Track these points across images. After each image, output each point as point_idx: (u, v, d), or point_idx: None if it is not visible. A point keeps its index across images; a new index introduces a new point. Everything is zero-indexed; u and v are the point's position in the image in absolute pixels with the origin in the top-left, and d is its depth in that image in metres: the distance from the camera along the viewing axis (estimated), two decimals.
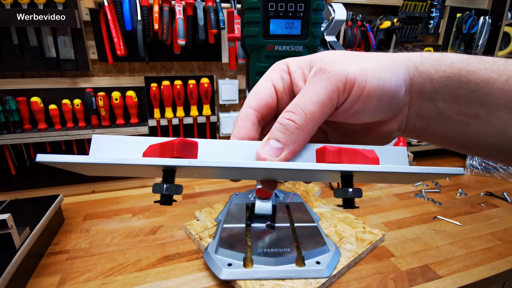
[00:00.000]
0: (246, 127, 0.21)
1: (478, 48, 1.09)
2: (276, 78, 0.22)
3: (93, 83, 0.80)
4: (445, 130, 0.21)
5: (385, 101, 0.19)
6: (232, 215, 0.64)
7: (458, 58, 0.19)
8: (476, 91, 0.19)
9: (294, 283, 0.50)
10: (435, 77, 0.20)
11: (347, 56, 0.20)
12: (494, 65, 0.19)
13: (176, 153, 0.18)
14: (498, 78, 0.18)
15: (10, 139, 0.73)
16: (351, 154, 0.19)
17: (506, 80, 0.18)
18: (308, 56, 0.22)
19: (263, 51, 0.44)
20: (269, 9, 0.42)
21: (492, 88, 0.18)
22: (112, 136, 0.20)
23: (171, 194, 0.20)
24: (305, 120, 0.19)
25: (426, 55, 0.20)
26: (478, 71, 0.19)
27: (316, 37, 0.44)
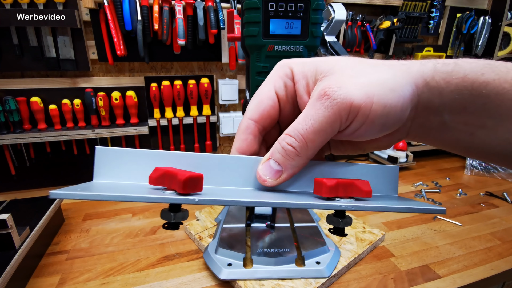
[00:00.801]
0: (247, 140, 0.21)
1: (478, 48, 1.09)
2: (279, 86, 0.22)
3: (93, 83, 0.80)
4: (449, 139, 0.20)
5: (388, 125, 0.19)
6: (232, 215, 0.64)
7: (472, 69, 0.18)
8: (487, 103, 0.18)
9: (294, 283, 0.50)
10: (446, 91, 0.19)
11: (355, 72, 0.19)
12: (508, 75, 0.18)
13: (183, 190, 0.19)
14: (510, 88, 0.17)
15: (10, 139, 0.72)
16: (346, 187, 0.19)
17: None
18: (314, 62, 0.21)
19: (263, 51, 0.44)
20: (269, 9, 0.42)
21: (503, 100, 0.18)
22: (116, 149, 0.21)
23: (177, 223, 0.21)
24: (305, 148, 0.19)
25: (439, 67, 0.19)
26: (492, 82, 0.18)
27: (316, 37, 0.44)
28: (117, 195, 0.18)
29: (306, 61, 0.22)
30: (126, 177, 0.21)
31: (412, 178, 0.97)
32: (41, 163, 0.81)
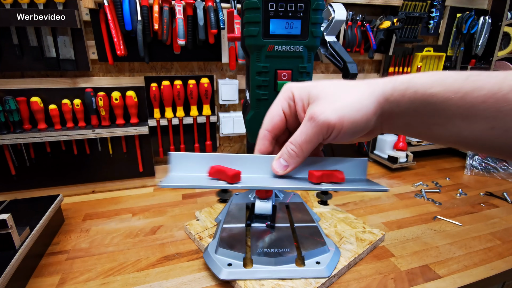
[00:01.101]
0: (265, 145, 0.32)
1: (478, 48, 1.09)
2: (285, 106, 0.31)
3: (93, 83, 0.80)
4: (414, 132, 0.28)
5: (357, 134, 0.28)
6: (232, 215, 0.64)
7: (422, 84, 0.25)
8: (435, 108, 0.24)
9: (294, 283, 0.50)
10: (402, 102, 0.26)
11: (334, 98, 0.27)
12: (453, 85, 0.24)
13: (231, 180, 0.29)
14: (454, 96, 0.23)
15: (10, 139, 0.73)
16: (328, 176, 0.31)
17: (461, 97, 0.23)
18: (308, 88, 0.29)
19: (263, 51, 0.44)
20: (269, 9, 0.42)
21: (448, 105, 0.24)
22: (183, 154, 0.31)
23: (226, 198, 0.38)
24: (301, 152, 0.29)
25: (397, 85, 0.26)
26: (438, 93, 0.24)
27: (316, 37, 0.44)
28: (204, 185, 0.29)
29: (303, 85, 0.30)
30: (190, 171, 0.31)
31: (412, 178, 0.97)
32: (41, 163, 0.81)
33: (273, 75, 0.45)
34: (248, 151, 0.99)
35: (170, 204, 0.80)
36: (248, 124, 0.49)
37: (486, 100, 0.22)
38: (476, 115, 0.23)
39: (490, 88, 0.22)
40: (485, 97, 0.22)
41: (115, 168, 0.87)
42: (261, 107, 0.47)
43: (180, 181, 0.29)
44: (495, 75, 0.23)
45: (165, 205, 0.80)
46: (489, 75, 0.23)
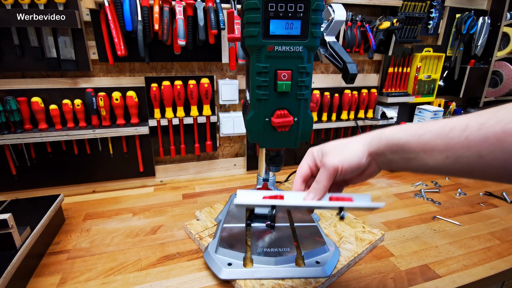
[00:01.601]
0: (298, 186, 0.43)
1: (477, 49, 1.09)
2: (309, 160, 0.43)
3: (94, 83, 0.81)
4: (396, 166, 0.37)
5: (356, 171, 0.39)
6: (232, 215, 0.64)
7: (391, 133, 0.36)
8: (403, 148, 0.35)
9: (294, 282, 0.50)
10: (381, 146, 0.37)
11: (337, 151, 0.39)
12: (411, 130, 0.34)
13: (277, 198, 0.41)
14: (412, 138, 0.34)
15: (10, 139, 0.73)
16: (342, 199, 0.40)
17: (418, 138, 0.33)
18: (322, 148, 0.41)
19: (263, 51, 0.44)
20: (269, 10, 0.42)
21: (411, 143, 0.34)
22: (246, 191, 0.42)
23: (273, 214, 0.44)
24: (322, 187, 0.40)
25: (376, 137, 0.37)
26: (401, 138, 0.35)
27: (315, 37, 0.44)
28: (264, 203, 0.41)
29: (319, 147, 0.42)
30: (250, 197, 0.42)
31: (412, 178, 0.97)
32: (41, 163, 0.81)
33: (273, 75, 0.46)
34: (248, 150, 0.99)
35: (171, 204, 0.80)
36: (248, 124, 0.49)
37: (435, 139, 0.32)
38: (432, 149, 0.32)
39: (435, 130, 0.32)
40: (434, 136, 0.32)
41: (115, 168, 0.87)
42: (261, 107, 0.47)
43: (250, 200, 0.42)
44: (442, 123, 0.32)
45: (165, 204, 0.80)
46: (436, 123, 0.33)
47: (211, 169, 0.98)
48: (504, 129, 0.28)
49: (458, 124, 0.31)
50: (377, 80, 1.07)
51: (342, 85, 1.02)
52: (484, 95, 1.17)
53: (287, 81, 0.46)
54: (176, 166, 0.94)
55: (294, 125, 0.49)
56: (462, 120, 0.31)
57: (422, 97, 1.11)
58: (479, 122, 0.29)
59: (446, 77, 1.14)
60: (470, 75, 1.10)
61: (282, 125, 0.48)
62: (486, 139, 0.29)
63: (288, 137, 0.50)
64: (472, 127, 0.30)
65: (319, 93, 0.97)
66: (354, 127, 1.08)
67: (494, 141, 0.28)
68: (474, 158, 0.30)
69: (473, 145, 0.29)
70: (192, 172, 0.97)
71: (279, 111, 0.47)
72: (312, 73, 0.63)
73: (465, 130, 0.30)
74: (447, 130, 0.31)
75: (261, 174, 0.69)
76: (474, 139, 0.29)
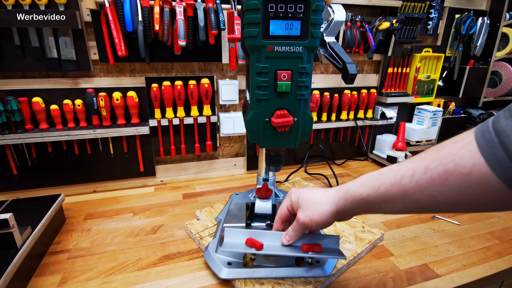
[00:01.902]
0: (279, 227, 0.50)
1: (476, 49, 1.10)
2: (287, 204, 0.48)
3: (94, 83, 0.81)
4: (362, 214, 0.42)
5: (322, 227, 0.44)
6: (232, 215, 0.64)
7: (355, 190, 0.39)
8: (367, 201, 0.38)
9: (293, 282, 0.50)
10: (347, 204, 0.40)
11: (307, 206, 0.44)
12: (370, 184, 0.37)
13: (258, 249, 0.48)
14: (373, 192, 0.37)
15: (11, 139, 0.73)
16: (312, 247, 0.48)
17: (377, 191, 0.36)
18: (298, 197, 0.46)
19: (263, 51, 0.44)
20: (269, 10, 0.42)
21: (372, 197, 0.37)
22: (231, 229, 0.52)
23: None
24: (296, 234, 0.47)
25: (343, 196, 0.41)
26: (363, 193, 0.38)
27: (315, 38, 0.44)
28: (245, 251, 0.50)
29: (297, 193, 0.47)
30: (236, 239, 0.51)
31: None
32: (42, 163, 0.81)
33: (273, 76, 0.46)
34: (248, 150, 0.99)
35: (171, 203, 0.80)
36: (248, 124, 0.49)
37: (391, 189, 0.35)
38: (391, 198, 0.35)
39: (390, 180, 0.35)
40: (390, 186, 0.35)
41: (116, 168, 0.88)
42: (261, 107, 0.48)
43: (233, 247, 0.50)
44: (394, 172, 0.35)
45: (165, 204, 0.80)
46: (389, 171, 0.36)
47: (211, 169, 0.98)
48: (445, 170, 0.30)
49: (407, 171, 0.34)
50: (376, 80, 1.07)
51: (341, 85, 1.02)
52: (483, 95, 1.17)
53: (287, 81, 0.46)
54: (176, 166, 0.94)
55: (294, 125, 0.49)
56: (410, 166, 0.34)
57: (421, 97, 1.11)
58: (424, 166, 0.32)
59: (445, 77, 1.14)
60: (469, 75, 1.11)
61: (282, 125, 0.48)
62: (433, 181, 0.31)
63: (288, 137, 0.51)
64: (419, 172, 0.32)
65: (319, 93, 0.97)
66: (354, 127, 1.09)
67: (440, 182, 0.31)
68: (428, 199, 0.32)
69: (424, 188, 0.32)
70: (193, 172, 0.97)
71: (279, 111, 0.48)
72: (312, 73, 0.63)
73: (413, 176, 0.33)
74: (399, 178, 0.34)
75: (261, 174, 0.69)
76: (423, 183, 0.32)
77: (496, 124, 0.29)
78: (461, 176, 0.29)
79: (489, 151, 0.28)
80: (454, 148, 0.31)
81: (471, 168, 0.29)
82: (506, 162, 0.27)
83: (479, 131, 0.30)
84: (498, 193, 0.28)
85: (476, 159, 0.29)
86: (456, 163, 0.30)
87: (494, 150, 0.28)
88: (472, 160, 0.29)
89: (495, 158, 0.27)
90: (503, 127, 0.28)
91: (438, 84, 1.12)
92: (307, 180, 0.94)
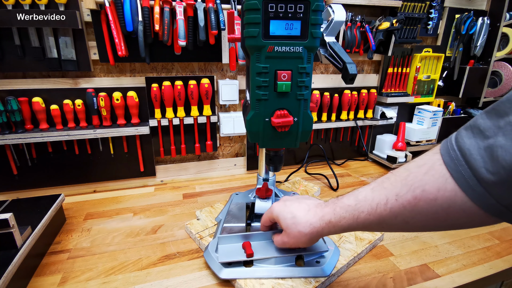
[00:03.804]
0: (264, 230, 0.55)
1: (476, 49, 1.10)
2: (269, 217, 0.52)
3: (94, 83, 0.81)
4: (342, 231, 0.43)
5: (307, 244, 0.46)
6: (232, 215, 0.64)
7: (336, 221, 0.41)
8: (348, 230, 0.41)
9: (293, 282, 0.50)
10: (331, 232, 0.42)
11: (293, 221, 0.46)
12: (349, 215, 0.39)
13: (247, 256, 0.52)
14: (353, 222, 0.39)
15: (12, 139, 0.73)
16: None
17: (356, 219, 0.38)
18: (277, 211, 0.49)
19: (263, 52, 0.44)
20: (269, 10, 0.42)
21: (353, 227, 0.39)
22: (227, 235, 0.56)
23: None
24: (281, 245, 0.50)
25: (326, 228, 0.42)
26: (344, 224, 0.40)
27: (315, 38, 0.44)
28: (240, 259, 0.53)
29: (277, 212, 0.49)
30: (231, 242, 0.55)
31: None
32: (42, 163, 0.81)
33: (273, 76, 0.46)
34: (248, 150, 0.99)
35: (171, 203, 0.80)
36: (248, 124, 0.49)
37: (368, 217, 0.37)
38: (370, 225, 0.37)
39: (367, 209, 0.37)
40: (367, 215, 0.37)
41: (116, 168, 0.88)
42: (261, 107, 0.48)
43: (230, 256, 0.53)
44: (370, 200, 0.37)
45: (166, 204, 0.80)
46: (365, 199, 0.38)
47: (211, 169, 0.98)
48: (414, 196, 0.32)
49: (381, 199, 0.35)
50: (376, 80, 1.07)
51: (341, 85, 1.02)
52: (484, 95, 1.17)
53: (287, 81, 0.46)
54: (176, 166, 0.94)
55: (294, 125, 0.49)
56: (383, 193, 0.36)
57: (421, 97, 1.11)
58: (395, 193, 0.34)
59: (445, 77, 1.14)
60: (470, 75, 1.11)
61: (282, 125, 0.48)
62: (404, 208, 0.33)
63: (288, 137, 0.51)
64: (391, 200, 0.34)
65: (319, 93, 0.97)
66: (354, 127, 1.09)
67: (410, 208, 0.32)
68: (402, 224, 0.34)
69: (397, 214, 0.34)
70: (193, 172, 0.97)
71: (279, 111, 0.48)
72: (312, 73, 0.63)
73: (387, 204, 0.34)
74: (375, 207, 0.36)
75: (261, 174, 0.69)
76: (396, 210, 0.34)
77: (460, 143, 0.30)
78: (428, 201, 0.31)
79: (456, 169, 0.29)
80: (419, 173, 0.32)
81: (436, 194, 0.30)
82: (472, 180, 0.28)
83: (444, 149, 0.31)
84: (467, 210, 0.29)
85: (440, 184, 0.30)
86: (423, 189, 0.31)
87: (460, 168, 0.29)
88: (437, 185, 0.30)
89: (462, 176, 0.29)
90: (467, 146, 0.29)
91: (438, 84, 1.12)
92: (307, 180, 0.94)
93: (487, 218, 0.29)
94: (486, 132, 0.28)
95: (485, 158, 0.27)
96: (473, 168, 0.28)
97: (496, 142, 0.26)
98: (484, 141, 0.28)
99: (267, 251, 0.53)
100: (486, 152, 0.27)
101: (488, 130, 0.28)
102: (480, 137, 0.28)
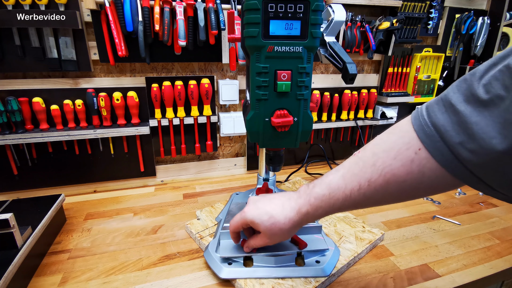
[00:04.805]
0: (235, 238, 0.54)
1: (476, 49, 1.10)
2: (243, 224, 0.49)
3: (95, 83, 0.81)
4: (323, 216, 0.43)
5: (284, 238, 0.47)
6: (232, 215, 0.64)
7: (314, 212, 0.42)
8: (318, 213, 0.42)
9: (294, 282, 0.50)
10: (309, 220, 0.43)
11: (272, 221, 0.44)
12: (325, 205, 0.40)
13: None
14: (329, 209, 0.40)
15: (12, 139, 0.73)
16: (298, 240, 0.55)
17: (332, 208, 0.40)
18: (251, 216, 0.47)
19: (263, 51, 0.44)
20: (269, 10, 0.42)
21: (329, 213, 0.41)
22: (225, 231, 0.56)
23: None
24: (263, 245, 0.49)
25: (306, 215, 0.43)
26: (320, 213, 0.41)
27: (315, 37, 0.44)
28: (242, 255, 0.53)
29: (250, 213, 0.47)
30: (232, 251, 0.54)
31: None
32: (43, 163, 0.81)
33: (273, 76, 0.46)
34: (248, 150, 0.99)
35: (171, 203, 0.80)
36: (248, 124, 0.49)
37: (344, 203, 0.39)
38: (346, 208, 0.40)
39: (342, 197, 0.38)
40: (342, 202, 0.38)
41: (116, 168, 0.88)
42: (261, 107, 0.48)
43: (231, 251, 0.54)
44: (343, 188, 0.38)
45: (166, 204, 0.80)
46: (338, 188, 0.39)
47: (211, 169, 0.98)
48: (385, 180, 0.34)
49: (353, 186, 0.37)
50: (376, 80, 1.07)
51: (342, 85, 1.02)
52: None
53: (287, 81, 0.46)
54: (176, 166, 0.95)
55: (294, 125, 0.49)
56: (355, 180, 0.37)
57: (421, 97, 1.11)
58: (367, 179, 0.36)
59: (445, 77, 1.14)
60: None
61: (282, 125, 0.48)
62: (377, 191, 0.35)
63: (288, 137, 0.51)
64: (364, 186, 0.36)
65: (319, 93, 0.97)
66: (354, 127, 1.08)
67: (382, 191, 0.35)
68: (374, 203, 0.38)
69: (370, 197, 0.36)
70: (193, 172, 0.97)
71: (279, 111, 0.48)
72: (312, 73, 0.63)
73: (360, 190, 0.36)
74: (349, 194, 0.38)
75: (261, 174, 0.69)
76: (369, 194, 0.36)
77: (434, 119, 0.30)
78: (398, 183, 0.34)
79: (433, 145, 0.30)
80: (388, 158, 0.34)
81: (405, 176, 0.33)
82: (449, 154, 0.29)
83: (417, 126, 0.32)
84: (438, 179, 0.31)
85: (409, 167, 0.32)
86: (393, 173, 0.33)
87: (437, 144, 0.30)
88: (405, 169, 0.32)
89: (439, 151, 0.30)
90: (442, 122, 0.29)
91: (438, 84, 1.12)
92: (307, 180, 0.94)
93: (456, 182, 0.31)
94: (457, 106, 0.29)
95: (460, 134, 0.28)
96: (449, 143, 0.29)
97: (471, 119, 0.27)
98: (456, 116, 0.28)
99: (267, 249, 0.53)
100: (460, 127, 0.28)
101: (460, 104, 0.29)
102: (452, 111, 0.29)
